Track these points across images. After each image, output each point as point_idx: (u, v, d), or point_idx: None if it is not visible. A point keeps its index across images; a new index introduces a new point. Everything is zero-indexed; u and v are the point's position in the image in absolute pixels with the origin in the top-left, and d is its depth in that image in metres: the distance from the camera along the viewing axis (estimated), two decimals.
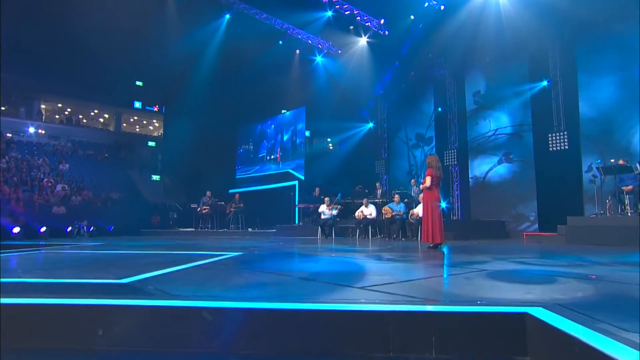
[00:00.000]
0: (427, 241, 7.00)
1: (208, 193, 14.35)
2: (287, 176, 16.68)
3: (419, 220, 10.08)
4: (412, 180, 13.63)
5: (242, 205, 14.69)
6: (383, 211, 11.60)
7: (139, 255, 5.92)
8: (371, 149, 17.50)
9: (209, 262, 4.59)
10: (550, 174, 12.61)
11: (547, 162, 12.58)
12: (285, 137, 17.32)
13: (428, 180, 6.89)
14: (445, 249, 6.91)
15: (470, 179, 14.57)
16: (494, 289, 2.97)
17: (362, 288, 2.97)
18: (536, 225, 12.58)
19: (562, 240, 8.83)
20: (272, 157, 17.98)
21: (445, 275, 3.67)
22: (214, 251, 6.27)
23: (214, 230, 13.55)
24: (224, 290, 2.91)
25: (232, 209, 14.72)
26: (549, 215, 12.65)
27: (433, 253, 6.23)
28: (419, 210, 10.68)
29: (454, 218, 14.83)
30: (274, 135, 18.20)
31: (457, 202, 15.05)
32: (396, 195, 11.55)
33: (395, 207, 11.41)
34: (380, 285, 3.03)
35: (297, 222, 14.84)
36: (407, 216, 11.04)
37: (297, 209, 14.73)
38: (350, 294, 2.78)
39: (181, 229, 13.84)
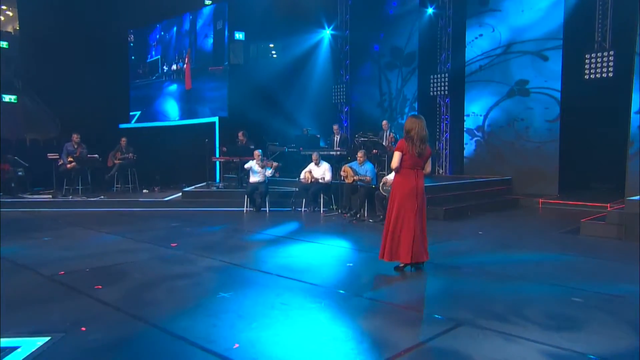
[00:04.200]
0: (384, 258, 5.02)
1: (75, 136, 11.12)
2: (200, 104, 13.55)
3: None
4: (384, 122, 11.15)
5: (132, 155, 11.68)
6: (342, 173, 9.19)
7: None
8: (329, 68, 14.55)
9: None
10: (583, 112, 10.75)
11: (579, 95, 10.55)
12: (200, 35, 13.69)
13: (394, 159, 4.90)
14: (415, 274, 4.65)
15: (465, 117, 12.36)
16: None
17: None
18: (555, 187, 10.74)
19: (611, 232, 6.88)
20: (176, 67, 14.37)
21: None
22: None
23: (85, 197, 10.56)
24: None
25: (116, 161, 11.70)
26: (575, 174, 11.03)
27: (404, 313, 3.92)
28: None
29: (441, 172, 12.75)
30: (179, 28, 14.44)
31: (446, 149, 12.88)
32: (360, 152, 9.05)
33: (359, 169, 9.00)
34: None
35: (217, 180, 12.16)
36: (378, 184, 8.69)
37: (217, 163, 11.96)
38: None
39: (30, 197, 10.65)
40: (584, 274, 5.13)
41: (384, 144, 10.93)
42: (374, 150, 10.81)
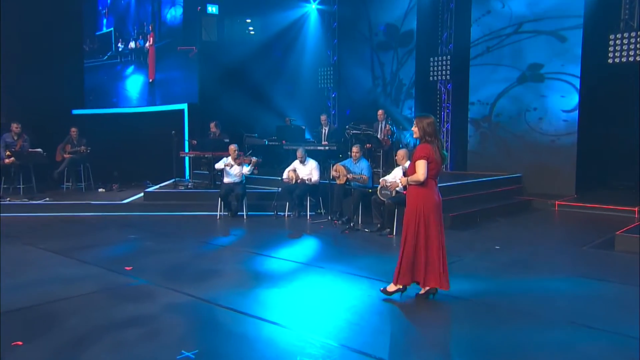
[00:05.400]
0: (402, 283, 4.48)
1: (14, 126, 10.06)
2: (166, 88, 12.48)
3: (398, 200, 7.05)
4: (380, 111, 10.37)
5: (85, 148, 10.65)
6: (333, 172, 8.38)
7: None
8: (315, 48, 13.60)
9: None
10: (605, 101, 10.19)
11: (601, 81, 10.01)
12: (165, 3, 12.47)
13: (421, 169, 4.28)
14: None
15: (469, 106, 11.67)
16: None
17: None
18: (571, 187, 10.15)
19: None
20: (135, 45, 13.09)
21: None
22: None
23: (27, 199, 9.49)
24: None
25: (65, 155, 10.69)
26: (593, 172, 10.49)
27: None
28: (394, 175, 7.57)
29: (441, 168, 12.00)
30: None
31: (447, 142, 12.14)
32: (355, 147, 8.25)
33: (353, 167, 8.20)
34: None
35: (187, 177, 11.23)
36: (374, 185, 7.92)
37: (186, 158, 11.02)
38: None
39: None
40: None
41: (378, 137, 10.15)
42: (367, 145, 10.00)
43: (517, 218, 8.90)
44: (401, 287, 4.47)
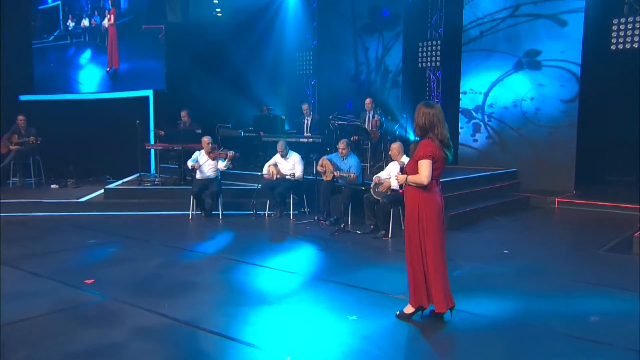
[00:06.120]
0: (418, 304, 4.05)
1: None
2: (129, 73, 11.69)
3: (394, 199, 6.62)
4: (368, 100, 9.95)
5: (34, 139, 9.91)
6: (319, 167, 7.91)
7: None
8: (293, 31, 13.01)
9: None
10: (608, 90, 10.05)
11: (603, 69, 9.84)
12: None
13: (425, 171, 3.83)
14: None
15: (461, 95, 11.36)
16: None
17: None
18: (570, 182, 9.95)
19: None
20: (89, 23, 11.90)
21: None
22: None
23: None
24: None
25: (11, 147, 10.01)
26: (594, 166, 10.42)
27: None
28: (388, 171, 7.13)
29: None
30: None
31: None
32: (342, 142, 7.78)
33: (341, 164, 7.72)
34: None
35: (152, 171, 10.58)
36: (365, 181, 7.47)
37: (152, 151, 10.34)
38: None
39: None
40: None
41: (366, 127, 9.67)
42: (354, 137, 9.54)
43: (517, 217, 8.61)
44: (419, 306, 4.02)
